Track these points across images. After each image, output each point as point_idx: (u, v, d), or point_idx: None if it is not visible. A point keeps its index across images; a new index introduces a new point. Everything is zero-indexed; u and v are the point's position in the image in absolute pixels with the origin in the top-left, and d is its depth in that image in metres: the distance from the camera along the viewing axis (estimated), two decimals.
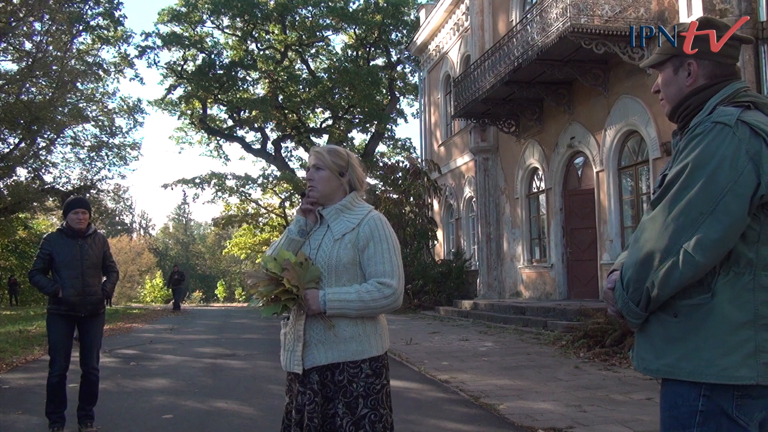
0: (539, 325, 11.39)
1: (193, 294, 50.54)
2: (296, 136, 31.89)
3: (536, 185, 15.99)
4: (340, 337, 2.36)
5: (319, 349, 2.37)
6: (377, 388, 2.37)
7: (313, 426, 2.33)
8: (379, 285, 2.34)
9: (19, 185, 22.43)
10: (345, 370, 2.35)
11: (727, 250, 1.62)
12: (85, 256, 5.03)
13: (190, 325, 16.46)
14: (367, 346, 2.38)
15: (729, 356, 1.62)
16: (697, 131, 1.69)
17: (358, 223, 2.43)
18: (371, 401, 2.34)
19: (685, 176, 1.65)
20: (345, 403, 2.33)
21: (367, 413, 2.33)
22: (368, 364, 2.37)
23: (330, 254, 2.40)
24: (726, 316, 1.63)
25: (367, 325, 2.40)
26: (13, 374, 8.07)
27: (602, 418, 5.11)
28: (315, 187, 2.49)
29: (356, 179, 2.54)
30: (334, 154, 2.52)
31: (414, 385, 6.76)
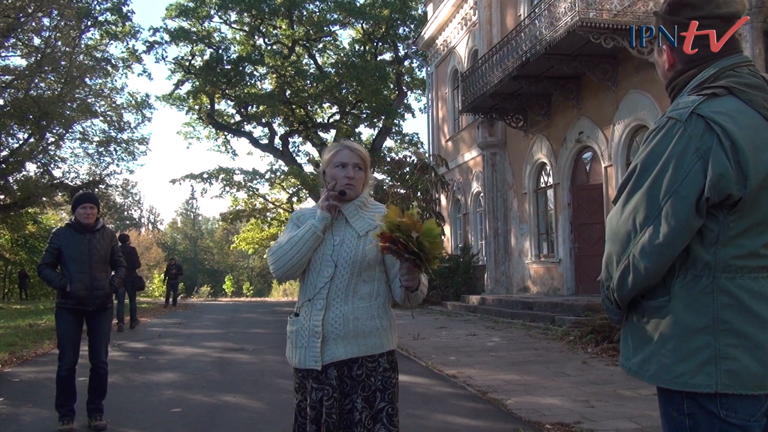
0: (547, 321, 11.37)
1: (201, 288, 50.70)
2: (304, 132, 31.90)
3: (544, 180, 15.94)
4: (360, 331, 2.38)
5: (338, 344, 2.37)
6: (393, 382, 2.42)
7: (331, 422, 2.33)
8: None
9: (28, 180, 22.56)
10: (363, 364, 2.38)
11: (676, 254, 1.55)
12: (93, 251, 5.06)
13: (198, 319, 16.53)
14: (385, 341, 2.43)
15: (684, 363, 1.55)
16: (652, 126, 1.63)
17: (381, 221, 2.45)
18: (388, 395, 2.38)
19: (635, 177, 1.60)
20: (364, 397, 2.36)
21: (385, 406, 2.36)
22: (385, 358, 2.41)
23: (355, 250, 2.42)
24: (682, 320, 1.56)
25: (384, 319, 2.44)
26: (23, 367, 8.13)
27: (610, 413, 5.10)
28: (354, 186, 2.49)
29: (368, 178, 2.59)
30: (368, 155, 2.58)
31: (421, 380, 6.77)
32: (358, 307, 2.41)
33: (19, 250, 32.18)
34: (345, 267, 2.41)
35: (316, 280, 2.45)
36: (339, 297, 2.41)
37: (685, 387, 1.55)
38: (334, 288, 2.42)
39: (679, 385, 1.56)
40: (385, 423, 2.34)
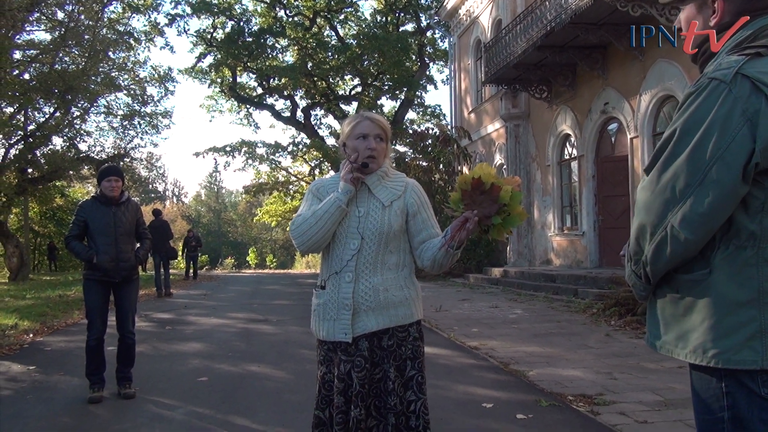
0: (570, 293, 11.34)
1: (225, 260, 51.28)
2: (325, 104, 31.79)
3: (568, 152, 15.75)
4: (390, 302, 2.41)
5: (369, 316, 2.39)
6: (422, 351, 2.47)
7: (364, 392, 2.35)
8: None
9: (55, 154, 22.82)
10: (394, 334, 2.42)
11: (719, 224, 1.46)
12: (119, 223, 5.13)
13: (222, 291, 16.75)
14: (414, 310, 2.47)
15: (727, 338, 1.46)
16: (691, 89, 1.51)
17: (403, 189, 2.50)
18: (418, 363, 2.43)
19: (674, 142, 1.49)
20: (395, 366, 2.40)
21: (415, 375, 2.41)
22: (415, 328, 2.46)
23: (381, 221, 2.43)
24: (724, 294, 1.48)
25: (411, 289, 2.48)
26: (54, 337, 8.33)
27: (633, 385, 5.09)
28: (376, 158, 2.49)
29: (389, 147, 2.61)
30: (389, 126, 2.59)
31: (444, 352, 6.81)
32: (387, 278, 2.42)
33: (48, 222, 32.74)
34: (372, 239, 2.42)
35: (342, 252, 2.43)
36: (368, 269, 2.42)
37: (728, 364, 1.46)
38: (362, 260, 2.42)
39: (721, 362, 1.47)
40: (415, 390, 2.40)
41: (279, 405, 4.77)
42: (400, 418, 2.37)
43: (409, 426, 2.38)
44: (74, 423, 4.42)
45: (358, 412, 2.33)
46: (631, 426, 4.05)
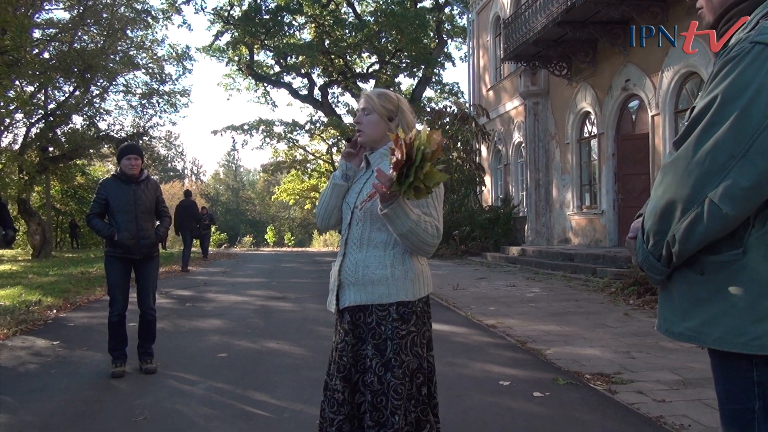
0: (588, 272, 11.28)
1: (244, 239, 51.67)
2: (343, 82, 31.65)
3: (588, 130, 15.57)
4: (369, 279, 2.39)
5: (351, 290, 2.42)
6: (402, 334, 2.37)
7: (342, 364, 2.41)
8: (434, 226, 2.35)
9: (75, 132, 23.04)
10: (374, 312, 2.39)
11: (763, 199, 1.35)
12: (139, 201, 5.17)
13: (241, 268, 16.90)
14: (395, 290, 2.38)
15: (762, 323, 1.37)
16: (731, 54, 1.40)
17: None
18: (395, 345, 2.36)
19: (714, 111, 1.38)
20: (374, 344, 2.38)
21: (392, 357, 2.36)
22: (395, 309, 2.37)
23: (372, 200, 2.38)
24: (759, 276, 1.38)
25: (397, 269, 2.39)
26: (77, 313, 8.48)
27: (651, 365, 5.07)
28: (363, 131, 2.49)
29: (405, 124, 2.49)
30: (383, 97, 2.50)
31: (461, 330, 6.83)
32: (371, 255, 2.41)
33: (69, 200, 33.17)
34: (360, 215, 2.42)
35: (342, 228, 2.52)
36: (355, 245, 2.45)
37: (762, 350, 1.37)
38: (351, 236, 2.46)
39: (756, 348, 1.38)
40: (394, 372, 2.34)
41: (297, 381, 4.82)
42: (380, 397, 2.34)
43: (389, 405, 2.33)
44: (97, 396, 4.50)
45: (333, 382, 2.42)
46: (648, 405, 4.05)
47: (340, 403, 2.40)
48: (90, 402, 4.38)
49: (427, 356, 2.48)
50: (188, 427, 3.81)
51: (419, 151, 2.11)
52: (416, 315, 2.41)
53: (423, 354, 2.45)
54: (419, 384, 2.43)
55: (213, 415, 4.03)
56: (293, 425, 3.80)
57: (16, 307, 8.30)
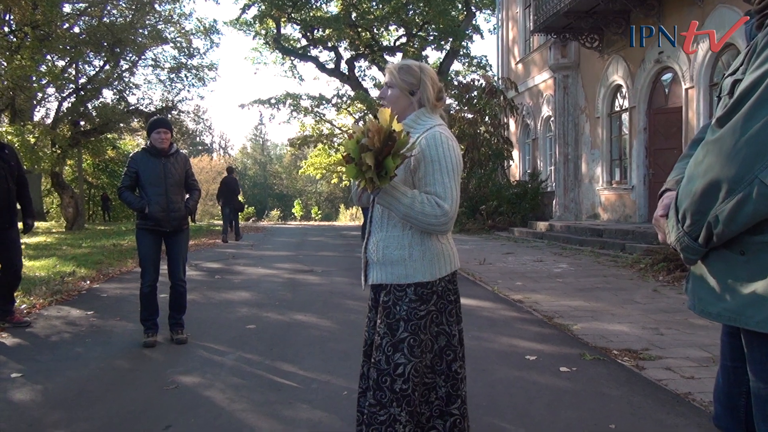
0: (617, 248, 11.17)
1: (271, 212, 52.07)
2: (370, 55, 31.39)
3: (619, 103, 15.28)
4: (388, 259, 2.39)
5: (374, 268, 2.45)
6: (420, 314, 2.36)
7: (365, 339, 2.51)
8: (434, 204, 2.28)
9: (105, 107, 23.31)
10: (392, 291, 2.39)
11: None
12: (169, 174, 5.23)
13: (268, 242, 17.06)
14: (412, 271, 2.36)
15: None
16: None
17: (414, 141, 2.34)
18: (412, 326, 2.34)
19: (765, 86, 1.30)
20: (387, 323, 2.38)
21: (407, 337, 2.34)
22: (413, 289, 2.36)
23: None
24: None
25: (414, 249, 2.37)
26: (109, 284, 8.66)
27: (680, 341, 5.03)
28: (386, 105, 2.46)
29: (426, 97, 2.44)
30: (404, 71, 2.46)
31: (487, 304, 6.83)
32: (390, 235, 2.40)
33: (101, 174, 33.71)
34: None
35: (369, 207, 2.54)
36: (377, 224, 2.47)
37: None
38: (374, 215, 2.48)
39: None
40: (405, 353, 2.33)
41: (324, 353, 4.88)
42: (384, 377, 2.34)
43: (393, 389, 2.32)
44: (130, 365, 4.62)
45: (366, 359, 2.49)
46: (677, 381, 4.02)
47: (360, 376, 2.50)
48: (123, 370, 4.49)
49: (456, 332, 2.48)
50: (218, 397, 3.89)
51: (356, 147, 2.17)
52: (437, 294, 2.40)
53: (451, 330, 2.45)
54: (449, 360, 2.45)
55: (242, 385, 4.11)
56: (321, 396, 3.86)
57: (51, 278, 8.50)
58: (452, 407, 2.46)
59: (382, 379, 2.34)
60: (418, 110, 2.45)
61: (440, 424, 2.44)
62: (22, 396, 3.94)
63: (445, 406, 2.44)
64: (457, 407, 2.46)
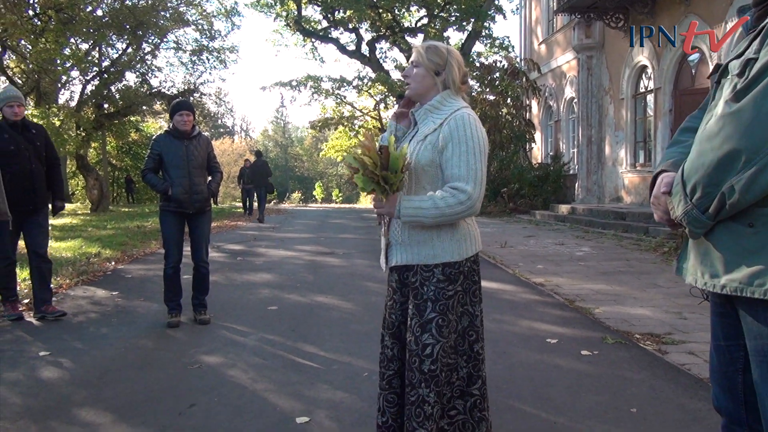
0: (640, 231, 11.05)
1: (292, 195, 52.30)
2: (391, 37, 31.17)
3: (644, 85, 15.03)
4: (414, 240, 2.38)
5: (398, 250, 2.43)
6: (448, 294, 2.36)
7: (390, 321, 2.48)
8: (453, 191, 2.26)
9: (128, 89, 23.51)
10: (418, 272, 2.38)
11: None
12: (191, 157, 5.27)
13: (290, 224, 17.16)
14: (440, 251, 2.36)
15: None
16: None
17: (441, 122, 2.34)
18: (440, 306, 2.34)
19: None
20: (415, 304, 2.38)
21: (435, 317, 2.34)
22: (441, 270, 2.36)
23: (411, 155, 2.36)
24: None
25: (443, 230, 2.36)
26: (133, 265, 8.78)
27: (703, 325, 4.97)
28: (410, 84, 2.46)
29: (452, 78, 2.43)
30: (431, 51, 2.44)
31: (508, 287, 6.82)
32: None
33: (124, 156, 34.08)
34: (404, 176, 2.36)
35: None
36: None
37: None
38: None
39: None
40: (433, 333, 2.33)
41: (346, 335, 4.92)
42: (414, 358, 2.34)
43: (422, 369, 2.32)
44: (154, 345, 4.69)
45: (386, 338, 2.50)
46: (700, 366, 3.98)
47: (389, 358, 2.47)
48: (147, 350, 4.57)
49: (479, 312, 2.49)
50: (240, 377, 3.94)
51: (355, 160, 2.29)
52: (464, 275, 2.40)
53: (474, 311, 2.46)
54: (472, 341, 2.45)
55: (264, 365, 4.16)
56: (342, 377, 3.89)
57: (77, 259, 8.64)
58: (473, 388, 2.47)
59: (411, 359, 2.35)
60: (443, 92, 2.43)
61: (460, 404, 2.45)
62: (49, 374, 4.03)
63: (466, 386, 2.45)
64: (478, 388, 2.47)
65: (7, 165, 5.10)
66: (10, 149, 5.19)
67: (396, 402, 2.46)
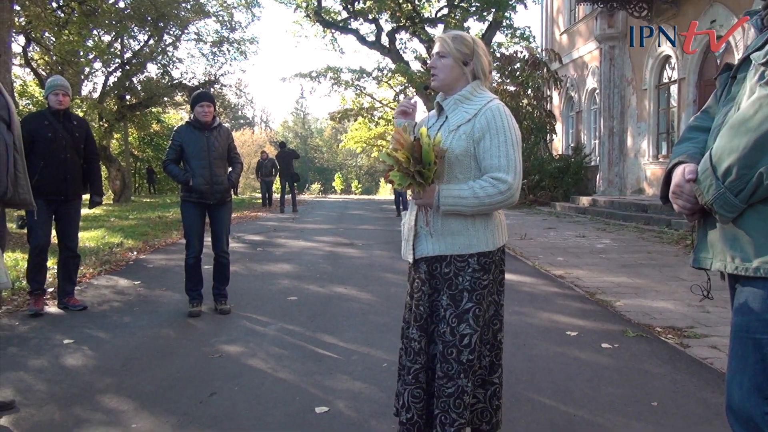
0: (662, 224, 10.93)
1: (312, 186, 52.48)
2: (411, 27, 31.00)
3: (668, 75, 14.83)
4: (448, 230, 2.35)
5: (428, 241, 2.40)
6: (483, 284, 2.35)
7: (418, 313, 2.42)
8: (493, 181, 2.26)
9: (150, 81, 23.71)
10: (452, 262, 2.36)
11: None
12: (212, 148, 5.30)
13: (309, 215, 17.21)
14: (475, 241, 2.35)
15: None
16: None
17: (475, 113, 2.33)
18: (476, 296, 2.34)
19: None
20: (450, 295, 2.35)
21: (472, 307, 2.33)
22: (476, 259, 2.35)
23: (444, 146, 2.33)
24: None
25: (477, 219, 2.36)
26: (155, 255, 8.88)
27: (726, 319, 4.91)
28: (437, 75, 2.42)
29: (480, 68, 2.43)
30: (458, 41, 2.41)
31: (527, 279, 6.78)
32: None
33: (146, 147, 34.39)
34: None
35: None
36: None
37: None
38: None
39: None
40: (470, 323, 2.32)
41: (365, 325, 4.93)
42: (450, 349, 2.33)
43: (460, 360, 2.32)
44: (176, 334, 4.74)
45: (411, 331, 2.44)
46: (722, 360, 3.93)
47: (416, 352, 2.42)
48: (169, 339, 4.62)
49: (503, 302, 2.49)
50: (261, 366, 3.97)
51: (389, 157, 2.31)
52: (495, 264, 2.41)
53: (500, 300, 2.47)
54: (495, 330, 2.46)
55: (284, 355, 4.19)
56: (360, 367, 3.90)
57: (100, 249, 8.76)
58: (494, 376, 2.47)
59: (447, 351, 2.34)
60: (473, 82, 2.42)
61: (481, 393, 2.46)
62: (73, 362, 4.10)
63: (488, 375, 2.46)
64: (498, 376, 2.48)
65: (43, 152, 5.10)
66: (47, 136, 5.15)
67: (422, 397, 2.41)
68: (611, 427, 3.01)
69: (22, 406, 3.30)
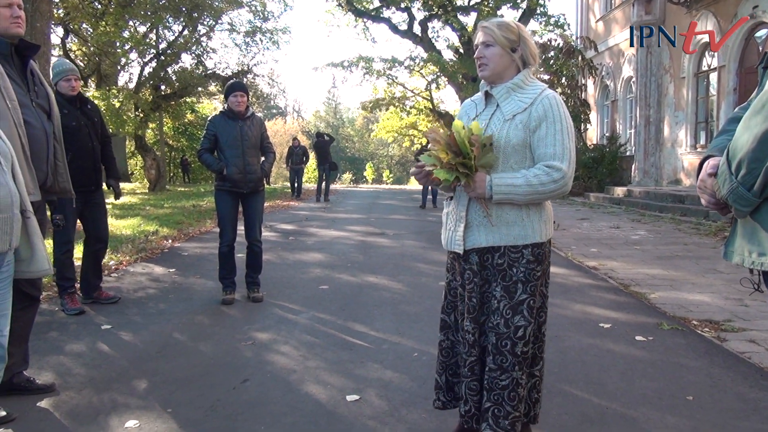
0: (700, 215, 10.71)
1: (343, 175, 52.64)
2: (443, 16, 30.75)
3: (707, 62, 14.46)
4: (503, 220, 2.32)
5: (480, 232, 2.35)
6: (537, 275, 2.33)
7: (471, 305, 2.38)
8: (547, 169, 2.24)
9: (184, 71, 23.98)
10: (506, 254, 2.33)
11: None
12: (245, 137, 5.34)
13: (341, 204, 17.27)
14: (530, 232, 2.33)
15: None
16: None
17: (531, 102, 2.30)
18: (530, 287, 2.31)
19: None
20: (504, 286, 2.32)
21: (526, 299, 2.31)
22: (530, 250, 2.33)
23: (499, 135, 2.31)
24: None
25: (532, 210, 2.33)
26: (189, 243, 9.01)
27: (765, 313, 4.81)
28: (486, 65, 2.37)
29: (529, 54, 2.38)
30: (504, 28, 2.36)
31: (561, 270, 6.71)
32: None
33: (180, 137, 34.84)
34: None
35: None
36: None
37: None
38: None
39: None
40: (525, 315, 2.30)
41: (395, 315, 4.94)
42: (504, 341, 2.30)
43: (515, 352, 2.30)
44: (210, 321, 4.82)
45: (466, 323, 2.40)
46: (761, 354, 3.85)
47: (471, 344, 2.39)
48: (204, 326, 4.69)
49: (547, 293, 2.48)
50: (292, 354, 4.01)
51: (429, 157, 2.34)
52: (546, 255, 2.40)
53: (546, 292, 2.45)
54: (541, 322, 2.45)
55: (315, 343, 4.22)
56: (391, 356, 3.92)
57: (136, 237, 8.92)
58: (535, 369, 2.46)
59: (501, 342, 2.32)
60: (524, 70, 2.39)
61: None
62: (111, 347, 4.19)
63: (530, 367, 2.44)
64: (539, 369, 2.47)
65: (70, 143, 4.59)
66: (72, 125, 4.84)
67: (478, 389, 2.40)
68: (645, 420, 2.97)
69: (61, 389, 3.39)
